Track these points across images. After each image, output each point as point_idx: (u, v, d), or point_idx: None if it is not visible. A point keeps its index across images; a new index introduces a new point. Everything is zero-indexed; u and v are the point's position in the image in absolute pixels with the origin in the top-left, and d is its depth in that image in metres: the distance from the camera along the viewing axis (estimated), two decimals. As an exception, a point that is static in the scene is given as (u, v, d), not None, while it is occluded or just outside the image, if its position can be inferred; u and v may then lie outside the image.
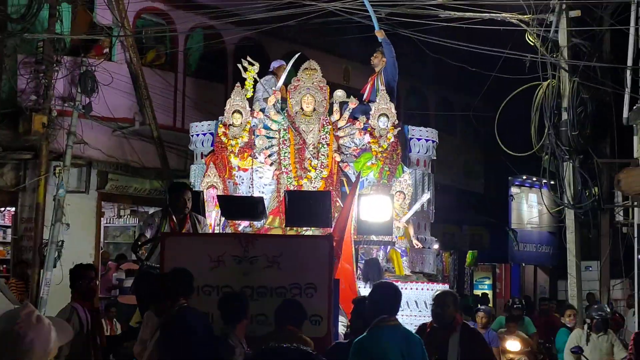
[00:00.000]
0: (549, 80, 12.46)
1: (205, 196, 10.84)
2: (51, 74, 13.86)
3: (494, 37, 13.07)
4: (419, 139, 12.68)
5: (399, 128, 12.12)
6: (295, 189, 11.51)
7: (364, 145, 12.04)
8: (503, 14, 12.53)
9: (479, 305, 12.55)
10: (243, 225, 11.46)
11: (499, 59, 12.87)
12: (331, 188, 11.60)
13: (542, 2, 12.38)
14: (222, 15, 15.45)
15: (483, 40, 12.89)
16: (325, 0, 12.72)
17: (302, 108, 12.01)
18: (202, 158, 12.52)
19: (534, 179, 23.44)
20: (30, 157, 14.00)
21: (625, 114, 11.88)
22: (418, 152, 12.66)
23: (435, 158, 12.93)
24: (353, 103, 12.16)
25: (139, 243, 8.46)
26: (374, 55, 12.65)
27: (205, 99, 16.52)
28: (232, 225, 11.38)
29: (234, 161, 11.86)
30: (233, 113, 11.95)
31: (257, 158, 12.00)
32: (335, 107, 12.15)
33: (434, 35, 13.04)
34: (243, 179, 11.99)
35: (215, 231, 10.60)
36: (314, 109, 12.01)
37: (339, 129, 12.12)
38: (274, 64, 13.31)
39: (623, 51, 12.09)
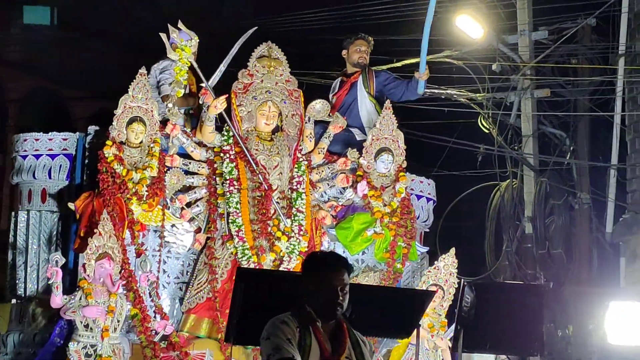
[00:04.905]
0: (508, 181, 12.59)
1: (94, 274, 8.33)
2: None
3: (436, 120, 12.93)
4: (418, 197, 10.10)
5: (412, 178, 9.83)
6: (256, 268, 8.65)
7: (349, 200, 9.54)
8: (448, 91, 12.53)
9: None
10: None
11: (441, 151, 12.90)
12: None
13: (500, 79, 12.49)
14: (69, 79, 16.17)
15: (419, 124, 12.54)
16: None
17: (255, 127, 9.19)
18: (43, 202, 9.11)
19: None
20: None
21: (608, 227, 12.16)
22: (417, 218, 9.87)
23: (428, 230, 10.67)
24: (337, 126, 9.48)
25: None
26: (352, 44, 9.94)
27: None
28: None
29: (138, 211, 8.78)
30: (131, 122, 8.82)
31: (168, 208, 8.97)
32: (308, 129, 9.42)
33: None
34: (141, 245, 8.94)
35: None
36: (279, 129, 9.22)
37: (312, 168, 9.49)
38: (181, 37, 9.32)
39: (606, 143, 12.21)
